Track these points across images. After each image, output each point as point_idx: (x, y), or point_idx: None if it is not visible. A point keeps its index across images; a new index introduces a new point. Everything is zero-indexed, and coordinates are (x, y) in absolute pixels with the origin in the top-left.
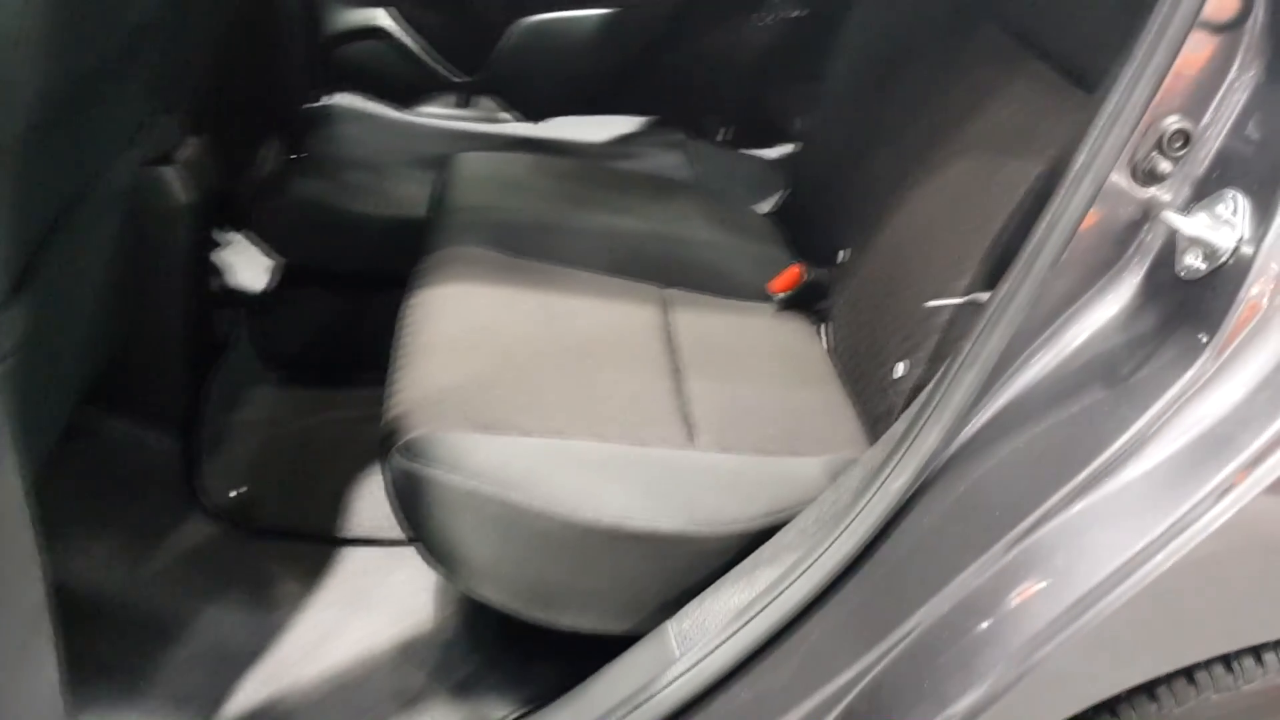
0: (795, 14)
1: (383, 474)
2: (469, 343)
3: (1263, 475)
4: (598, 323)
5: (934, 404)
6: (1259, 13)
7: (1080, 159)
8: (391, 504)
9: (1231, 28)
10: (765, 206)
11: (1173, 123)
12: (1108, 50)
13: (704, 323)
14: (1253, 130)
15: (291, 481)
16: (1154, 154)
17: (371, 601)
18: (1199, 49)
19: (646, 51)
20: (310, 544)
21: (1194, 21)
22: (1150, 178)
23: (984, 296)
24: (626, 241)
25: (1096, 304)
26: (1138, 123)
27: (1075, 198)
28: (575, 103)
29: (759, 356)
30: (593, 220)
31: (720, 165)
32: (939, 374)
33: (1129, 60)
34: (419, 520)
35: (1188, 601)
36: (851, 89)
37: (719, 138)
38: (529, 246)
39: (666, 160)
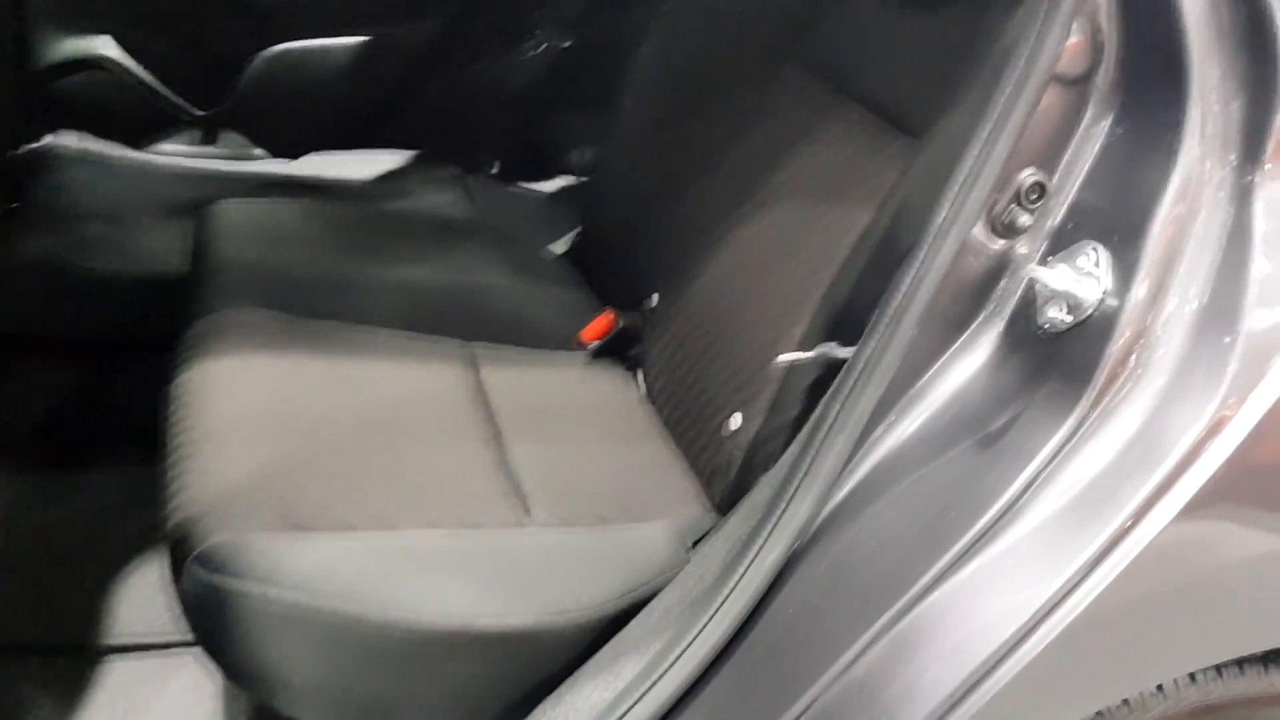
0: (565, 44)
1: (176, 588)
2: (262, 425)
3: (1147, 529)
4: (404, 389)
5: (804, 470)
6: (1107, 66)
7: (943, 214)
8: (190, 622)
9: (1081, 81)
10: (558, 247)
11: (1029, 175)
12: (928, 95)
13: (516, 379)
14: (1106, 182)
15: (36, 587)
16: (1012, 206)
17: (148, 717)
18: (1050, 101)
19: (408, 81)
20: (66, 658)
21: (1049, 77)
22: (1009, 230)
23: (841, 350)
24: (421, 294)
25: (961, 359)
26: (998, 178)
27: (940, 254)
28: (333, 137)
29: (579, 413)
30: (381, 272)
31: (502, 202)
32: (805, 438)
33: (985, 115)
34: (226, 640)
35: (1087, 657)
36: (646, 126)
37: (492, 171)
38: (314, 306)
39: (442, 198)
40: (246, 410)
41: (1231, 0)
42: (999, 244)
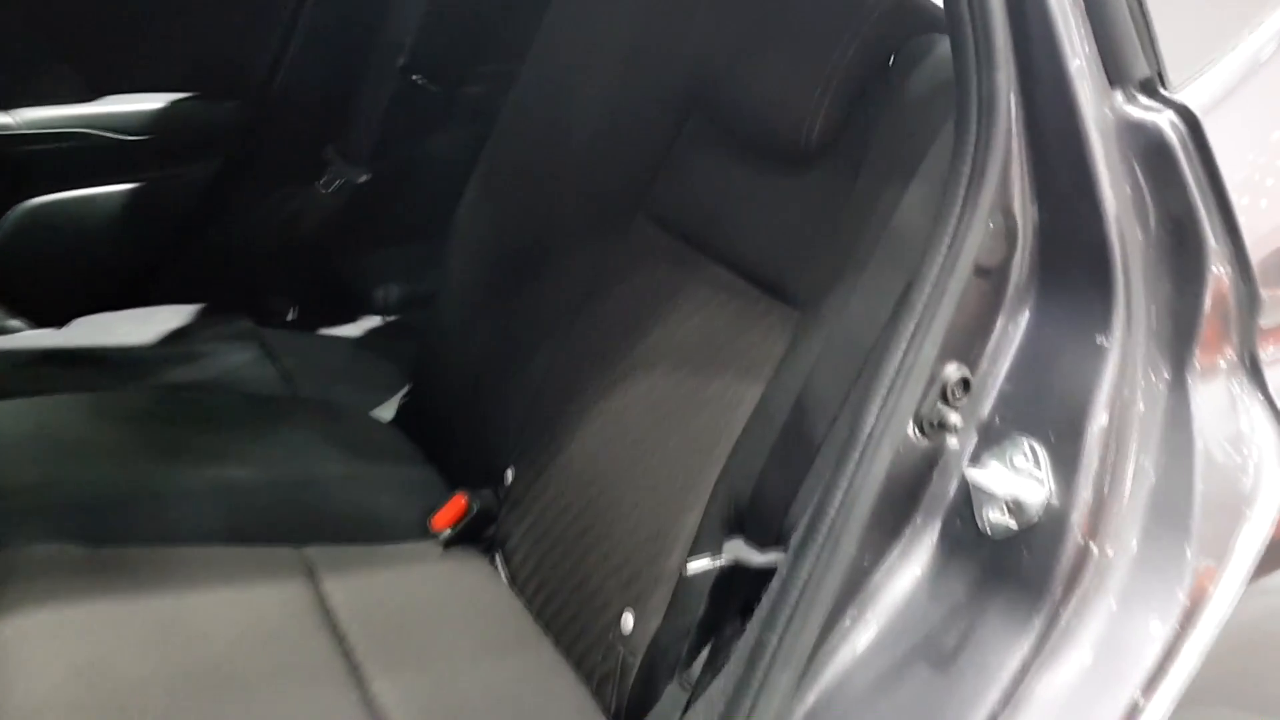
0: (362, 179)
1: None
2: (76, 702)
3: None
4: (236, 624)
5: (746, 711)
6: (1023, 254)
7: (871, 420)
8: None
9: (997, 270)
10: (385, 411)
11: (954, 371)
12: (803, 264)
13: (365, 587)
14: (1033, 375)
15: None
16: (939, 405)
17: None
18: (967, 291)
19: (186, 228)
20: None
21: (973, 270)
22: (937, 429)
23: (756, 555)
24: (239, 495)
25: (900, 569)
26: (926, 378)
27: (875, 464)
28: (105, 297)
29: (443, 618)
30: (190, 475)
31: (308, 356)
32: (740, 671)
33: (904, 312)
34: None
35: None
36: (480, 284)
37: (289, 318)
38: (115, 530)
39: (240, 357)
40: (44, 696)
41: (1154, 186)
42: (928, 443)
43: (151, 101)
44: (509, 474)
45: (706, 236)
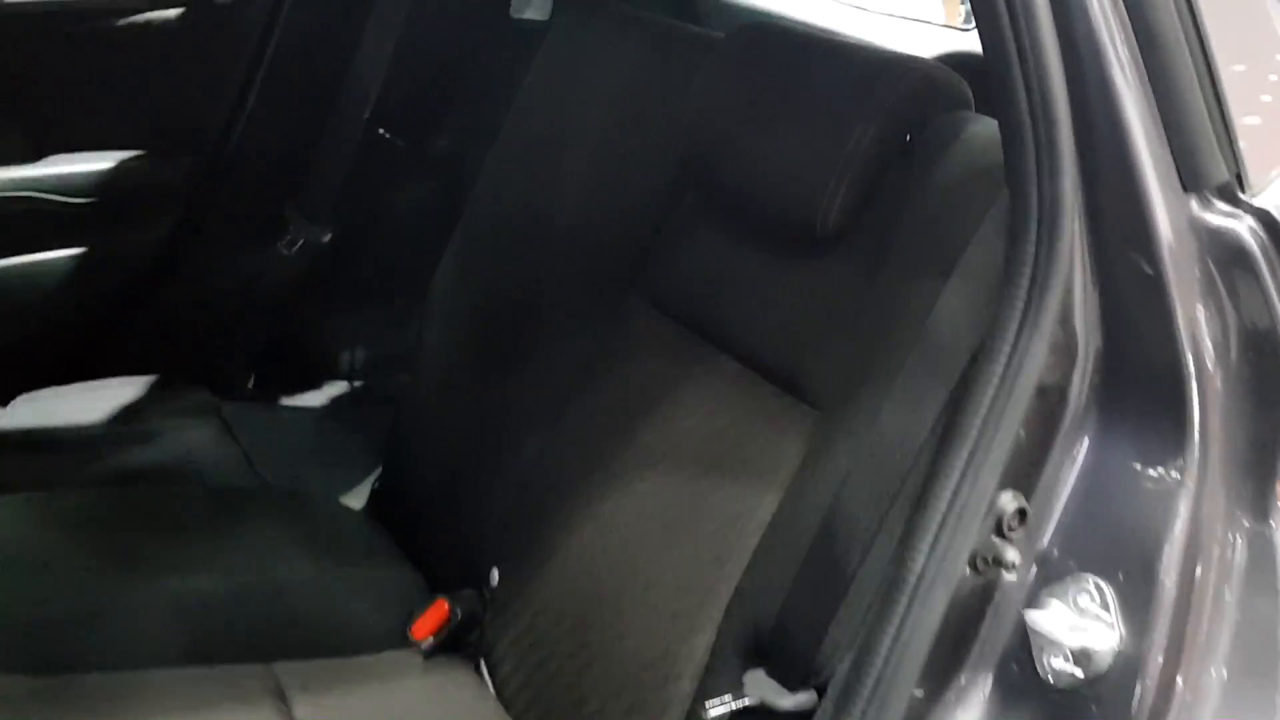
0: (325, 238)
1: None
2: None
3: None
4: None
5: None
6: (1084, 372)
7: (921, 560)
8: None
9: (1055, 389)
10: (355, 499)
11: (1009, 501)
12: (824, 362)
13: (340, 705)
14: (1097, 508)
15: None
16: (994, 538)
17: None
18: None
19: (138, 294)
20: None
21: (1034, 393)
22: (992, 565)
23: (784, 698)
24: (201, 610)
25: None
26: (984, 511)
27: (928, 610)
28: (53, 370)
29: None
30: (148, 589)
31: (270, 432)
32: None
33: (956, 438)
34: None
35: None
36: (460, 363)
37: (248, 386)
38: (66, 656)
39: (198, 435)
40: None
41: (1233, 299)
42: (979, 580)
43: (98, 161)
44: (494, 574)
45: (709, 323)
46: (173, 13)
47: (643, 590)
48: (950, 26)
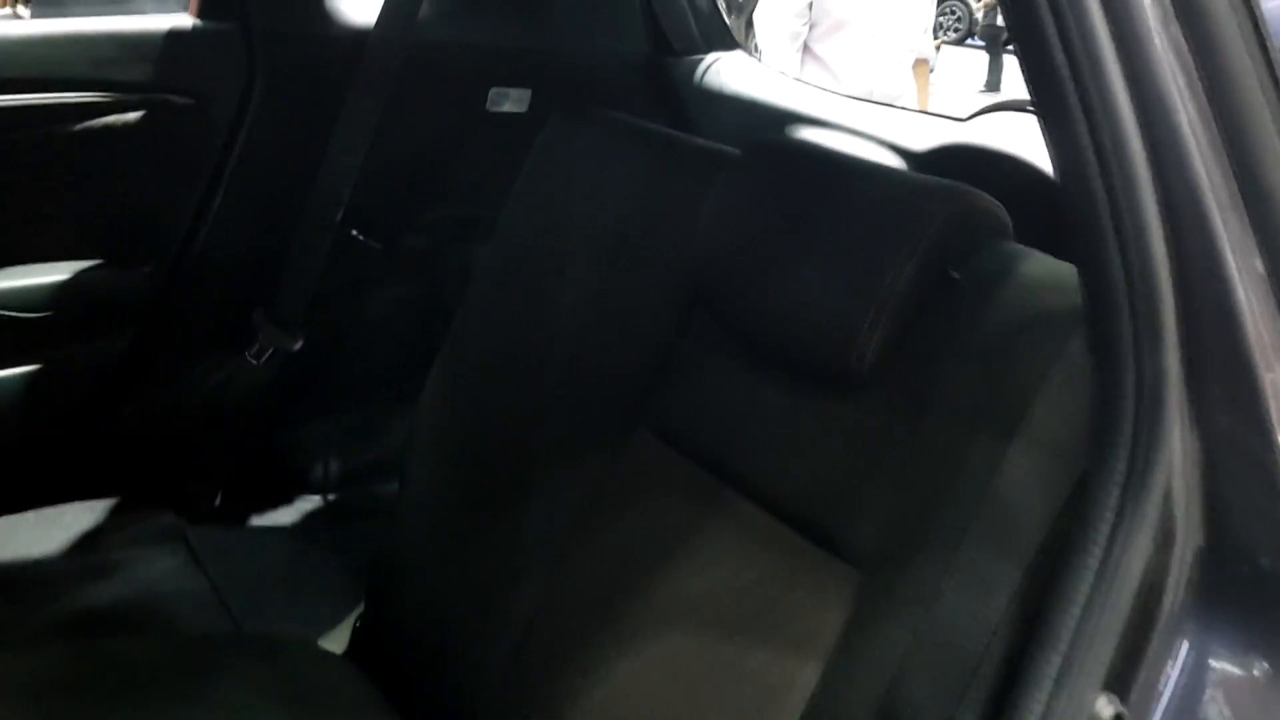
0: (296, 345)
1: None
2: None
3: None
4: None
5: None
6: (1184, 563)
7: None
8: None
9: (1157, 582)
10: (337, 641)
11: (1104, 707)
12: (861, 517)
13: None
14: (1197, 709)
15: None
16: None
17: None
18: None
19: (95, 411)
20: None
21: (1135, 589)
22: None
23: None
24: None
25: None
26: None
27: None
28: (7, 495)
29: None
30: None
31: (244, 561)
32: None
33: (1047, 639)
34: None
35: None
36: (449, 501)
37: (215, 504)
38: None
39: (163, 565)
40: None
41: None
42: None
43: (52, 273)
44: None
45: (727, 464)
46: (133, 115)
47: None
48: (940, 115)
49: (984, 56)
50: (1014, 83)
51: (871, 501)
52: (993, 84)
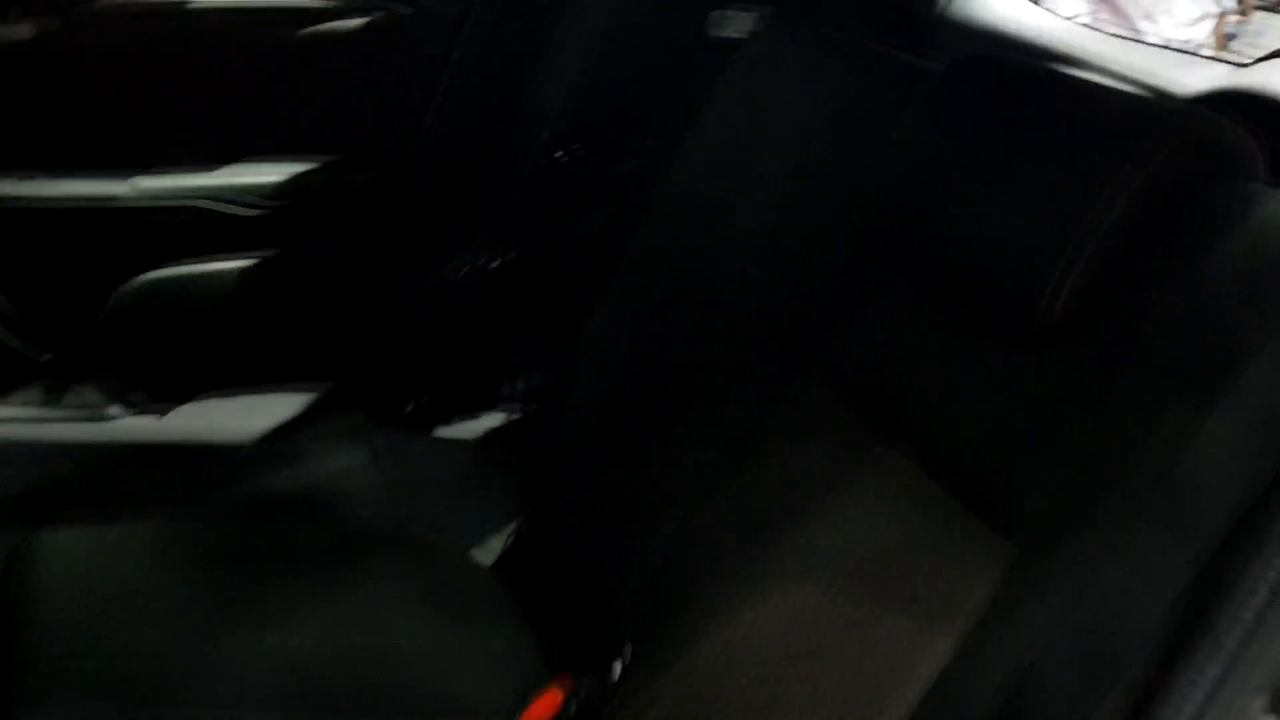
0: (497, 263)
1: None
2: None
3: None
4: None
5: None
6: None
7: None
8: None
9: None
10: (487, 553)
11: (1259, 711)
12: (1025, 479)
13: None
14: None
15: None
16: None
17: None
18: None
19: (308, 309)
20: None
21: None
22: None
23: None
24: (299, 669)
25: None
26: None
27: None
28: (217, 380)
29: None
30: (248, 637)
31: (417, 467)
32: None
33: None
34: None
35: None
36: (609, 414)
37: (408, 409)
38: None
39: (344, 462)
40: None
41: None
42: None
43: (274, 173)
44: (616, 667)
45: (885, 414)
46: (357, 21)
47: (786, 703)
48: (1219, 58)
49: None
50: None
51: (1036, 470)
52: None
